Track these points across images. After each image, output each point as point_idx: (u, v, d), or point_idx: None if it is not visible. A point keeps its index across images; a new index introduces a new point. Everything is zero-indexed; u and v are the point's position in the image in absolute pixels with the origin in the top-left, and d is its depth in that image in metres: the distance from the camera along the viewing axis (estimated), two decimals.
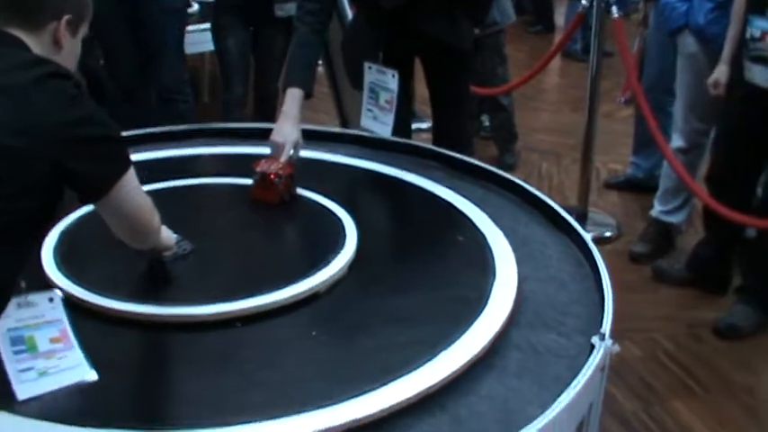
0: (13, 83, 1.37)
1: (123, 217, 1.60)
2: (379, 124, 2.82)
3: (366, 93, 2.86)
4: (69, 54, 1.58)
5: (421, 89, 3.20)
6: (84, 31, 1.63)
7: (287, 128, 2.48)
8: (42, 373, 1.56)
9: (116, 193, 1.50)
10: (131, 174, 1.53)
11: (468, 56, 3.04)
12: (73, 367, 1.59)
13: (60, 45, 1.55)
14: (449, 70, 3.02)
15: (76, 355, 1.60)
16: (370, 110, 2.85)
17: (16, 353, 1.55)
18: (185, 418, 1.51)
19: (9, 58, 1.42)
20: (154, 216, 1.70)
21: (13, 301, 1.57)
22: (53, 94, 1.39)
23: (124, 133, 2.74)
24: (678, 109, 3.87)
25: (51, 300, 1.63)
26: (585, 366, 1.62)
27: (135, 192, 1.57)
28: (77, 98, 1.42)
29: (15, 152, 1.33)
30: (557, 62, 6.90)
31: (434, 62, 3.03)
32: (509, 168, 4.64)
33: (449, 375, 1.61)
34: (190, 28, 4.56)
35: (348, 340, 1.79)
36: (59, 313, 1.62)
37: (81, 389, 1.57)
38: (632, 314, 3.45)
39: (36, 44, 1.50)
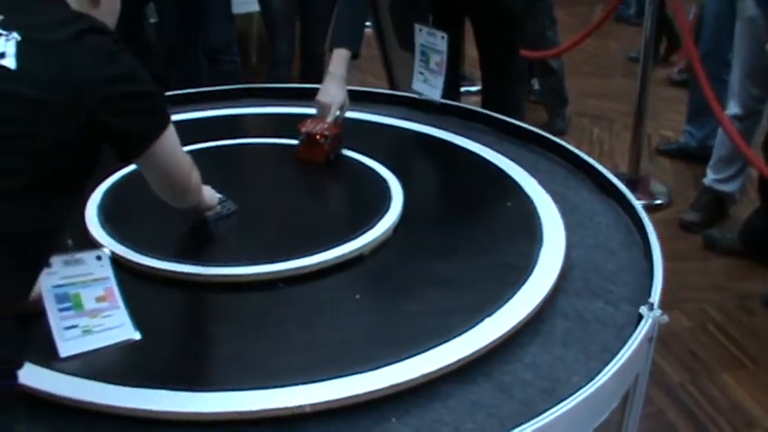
0: (52, 39, 1.35)
1: (162, 174, 1.58)
2: (430, 87, 2.79)
3: (417, 55, 2.82)
4: (108, 11, 1.55)
5: (471, 51, 3.16)
6: None
7: (333, 89, 2.45)
8: (86, 331, 1.56)
9: (154, 150, 1.48)
10: (171, 131, 1.51)
11: (519, 18, 2.99)
12: (117, 326, 1.58)
13: (98, 1, 1.52)
14: (499, 32, 2.97)
15: (122, 314, 1.59)
16: (421, 73, 2.81)
17: (61, 310, 1.55)
18: (226, 379, 1.50)
19: (48, 14, 1.40)
20: (193, 174, 1.68)
21: (60, 259, 1.56)
22: (91, 50, 1.37)
23: (171, 93, 2.78)
24: (735, 75, 3.77)
25: (99, 258, 1.62)
26: (633, 336, 1.59)
27: (174, 149, 1.55)
28: (116, 54, 1.40)
29: (53, 108, 1.32)
30: (609, 26, 6.79)
31: (485, 24, 2.98)
32: (559, 133, 4.58)
33: (493, 342, 1.58)
34: None
35: (391, 304, 1.76)
36: (107, 272, 1.62)
37: (122, 348, 1.57)
38: (682, 284, 3.40)
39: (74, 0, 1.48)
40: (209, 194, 1.93)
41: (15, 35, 1.33)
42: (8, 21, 1.36)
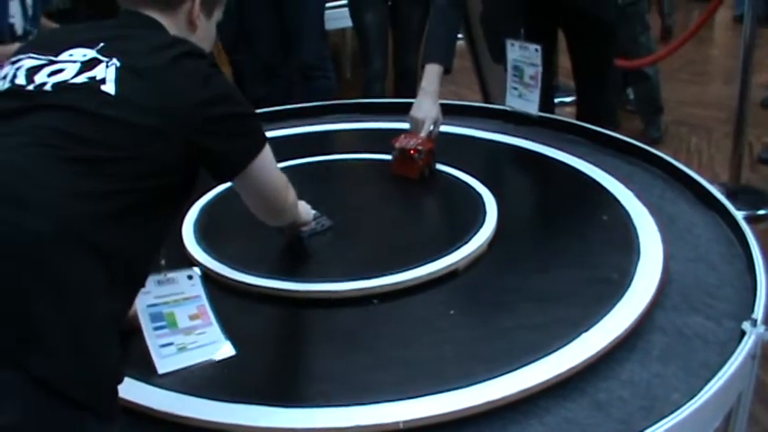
0: (149, 65, 1.39)
1: (258, 194, 1.60)
2: (525, 102, 2.76)
3: (510, 71, 2.80)
4: (204, 36, 1.60)
5: (564, 61, 3.13)
6: (218, 15, 1.65)
7: (427, 104, 2.45)
8: (181, 349, 1.60)
9: (251, 171, 1.51)
10: (266, 151, 1.53)
11: (611, 26, 2.95)
12: (211, 343, 1.62)
13: (194, 26, 1.57)
14: (592, 42, 2.94)
15: (215, 331, 1.63)
16: (515, 88, 2.78)
17: (156, 328, 1.60)
18: (320, 394, 1.51)
19: (148, 40, 1.45)
20: (288, 193, 1.70)
21: (153, 279, 1.61)
22: (188, 74, 1.41)
23: (266, 110, 2.83)
24: None
25: (190, 277, 1.67)
26: (735, 353, 1.55)
27: (270, 169, 1.57)
28: (212, 77, 1.43)
29: (152, 132, 1.35)
30: (706, 32, 6.64)
31: (577, 34, 2.95)
32: (655, 142, 4.50)
33: (589, 358, 1.56)
34: (330, 4, 4.58)
35: (486, 319, 1.75)
36: (198, 290, 1.66)
37: (218, 364, 1.60)
38: None
39: (171, 25, 1.52)
40: (305, 210, 1.95)
41: (115, 61, 1.38)
42: (109, 47, 1.40)
